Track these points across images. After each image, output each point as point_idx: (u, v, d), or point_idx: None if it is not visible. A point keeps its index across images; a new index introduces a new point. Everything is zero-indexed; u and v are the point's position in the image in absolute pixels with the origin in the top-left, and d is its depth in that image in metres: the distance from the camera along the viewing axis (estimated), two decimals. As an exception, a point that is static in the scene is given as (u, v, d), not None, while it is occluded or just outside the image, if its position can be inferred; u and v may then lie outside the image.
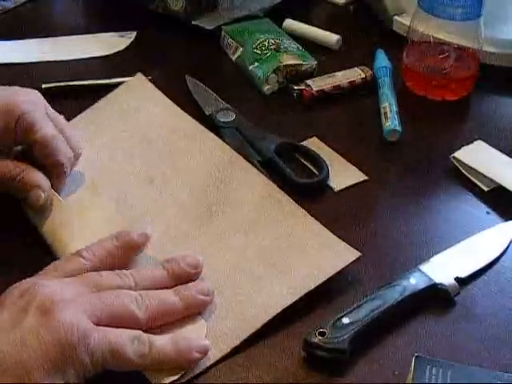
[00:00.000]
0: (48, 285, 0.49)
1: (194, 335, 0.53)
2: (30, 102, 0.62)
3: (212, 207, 0.64)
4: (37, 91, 0.65)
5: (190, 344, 0.51)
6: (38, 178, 0.61)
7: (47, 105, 0.64)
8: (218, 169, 0.67)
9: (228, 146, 0.70)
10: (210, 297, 0.55)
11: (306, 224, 0.62)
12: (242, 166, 0.68)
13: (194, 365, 0.51)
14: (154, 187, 0.66)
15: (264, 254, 0.60)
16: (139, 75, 0.79)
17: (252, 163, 0.69)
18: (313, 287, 0.57)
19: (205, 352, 0.51)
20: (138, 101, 0.76)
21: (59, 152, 0.62)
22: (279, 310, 0.55)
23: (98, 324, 0.48)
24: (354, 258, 0.59)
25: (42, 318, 0.46)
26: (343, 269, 0.58)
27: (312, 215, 0.63)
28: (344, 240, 0.60)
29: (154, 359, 0.49)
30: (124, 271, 0.53)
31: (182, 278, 0.55)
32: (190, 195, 0.65)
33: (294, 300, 0.56)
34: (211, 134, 0.72)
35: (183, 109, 0.75)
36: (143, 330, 0.50)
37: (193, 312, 0.54)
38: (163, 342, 0.50)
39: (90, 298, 0.49)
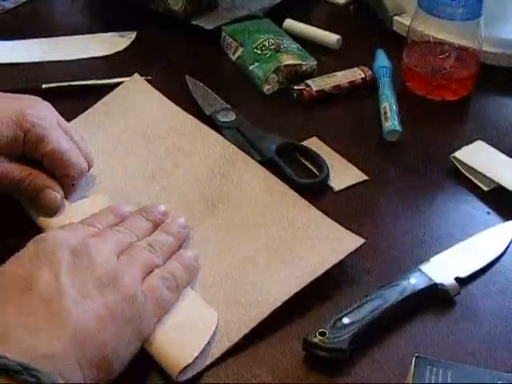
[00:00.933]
0: (99, 251, 0.52)
1: (208, 322, 0.54)
2: (40, 114, 0.62)
3: (214, 201, 0.65)
4: (47, 103, 0.65)
5: (190, 258, 0.58)
6: (48, 179, 0.62)
7: (59, 116, 0.65)
8: (218, 163, 0.68)
9: (227, 141, 0.71)
10: (187, 229, 0.61)
11: (309, 214, 0.63)
12: (243, 159, 0.68)
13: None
14: (156, 183, 0.67)
15: (268, 245, 0.60)
16: (136, 76, 0.79)
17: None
18: (320, 274, 0.57)
19: (197, 258, 0.58)
20: (137, 100, 0.76)
21: (69, 165, 0.62)
22: (287, 296, 0.55)
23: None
24: (359, 245, 0.59)
25: (110, 291, 0.50)
26: (346, 262, 0.58)
27: (312, 215, 0.63)
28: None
29: (180, 288, 0.55)
30: (122, 229, 0.57)
31: (159, 223, 0.60)
32: (191, 190, 0.66)
33: (301, 287, 0.56)
34: (210, 130, 0.72)
35: (183, 109, 0.75)
36: None
37: (181, 244, 0.60)
38: (177, 268, 0.56)
39: (129, 263, 0.53)
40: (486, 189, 0.70)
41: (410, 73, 0.83)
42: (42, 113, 0.62)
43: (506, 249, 0.64)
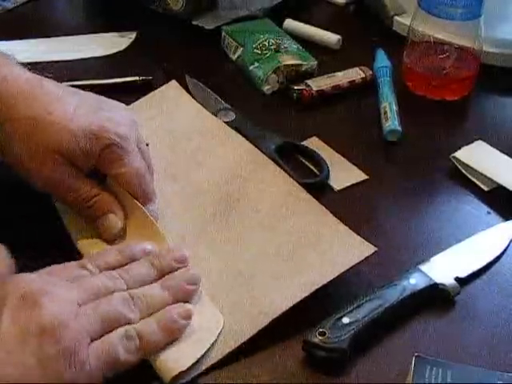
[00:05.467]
0: (53, 298, 0.48)
1: (212, 329, 0.54)
2: (122, 132, 0.59)
3: (232, 204, 0.65)
4: (131, 114, 0.63)
5: (173, 317, 0.52)
6: (114, 203, 0.60)
7: (139, 132, 0.62)
8: (240, 166, 0.68)
9: (253, 146, 0.70)
10: (197, 285, 0.56)
11: (325, 220, 0.62)
12: (264, 163, 0.68)
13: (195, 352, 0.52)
14: (177, 185, 0.67)
15: (281, 251, 0.60)
16: (173, 82, 0.78)
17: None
18: (326, 282, 0.57)
19: (188, 316, 0.53)
20: (170, 105, 0.75)
21: (138, 192, 0.60)
22: (290, 305, 0.55)
23: (94, 337, 0.49)
24: (370, 253, 0.59)
25: (44, 341, 0.46)
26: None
27: (312, 215, 0.63)
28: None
29: (148, 349, 0.51)
30: (114, 273, 0.53)
31: (168, 271, 0.56)
32: (210, 191, 0.66)
33: (304, 296, 0.56)
34: (238, 135, 0.72)
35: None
36: None
37: (181, 300, 0.54)
38: (150, 328, 0.51)
39: (88, 315, 0.49)
40: (486, 189, 0.70)
41: (409, 73, 0.83)
42: (123, 130, 0.59)
43: (506, 249, 0.64)
